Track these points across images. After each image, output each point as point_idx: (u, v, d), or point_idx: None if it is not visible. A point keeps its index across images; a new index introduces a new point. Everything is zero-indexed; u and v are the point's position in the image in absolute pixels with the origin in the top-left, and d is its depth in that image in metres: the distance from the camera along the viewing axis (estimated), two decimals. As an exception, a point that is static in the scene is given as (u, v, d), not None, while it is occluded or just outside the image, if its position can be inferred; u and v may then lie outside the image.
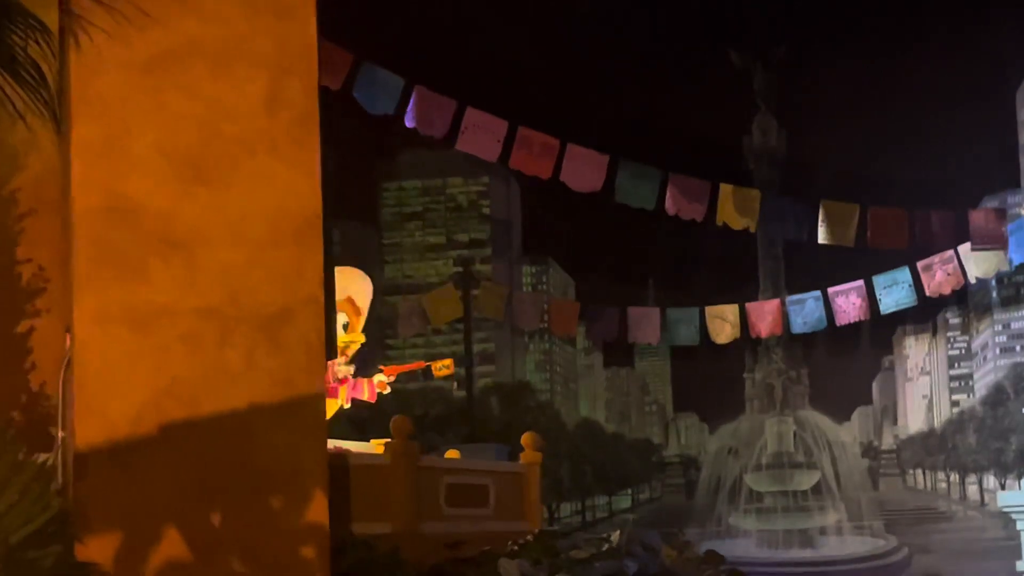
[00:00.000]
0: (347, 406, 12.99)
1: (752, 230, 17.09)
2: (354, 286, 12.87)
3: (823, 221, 17.33)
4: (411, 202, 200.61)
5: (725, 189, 16.67)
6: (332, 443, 12.16)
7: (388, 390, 13.20)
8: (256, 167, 8.18)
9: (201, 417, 7.87)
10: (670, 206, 16.33)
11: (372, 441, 12.31)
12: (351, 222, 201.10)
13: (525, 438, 14.28)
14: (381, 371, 13.31)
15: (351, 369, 12.92)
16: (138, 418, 7.76)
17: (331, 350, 8.72)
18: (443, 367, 13.38)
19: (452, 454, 14.28)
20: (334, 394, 12.69)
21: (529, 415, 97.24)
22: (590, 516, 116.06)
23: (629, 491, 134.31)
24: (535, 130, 15.98)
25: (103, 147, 7.89)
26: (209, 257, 8.04)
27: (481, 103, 15.88)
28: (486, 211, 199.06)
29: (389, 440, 11.55)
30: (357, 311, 12.92)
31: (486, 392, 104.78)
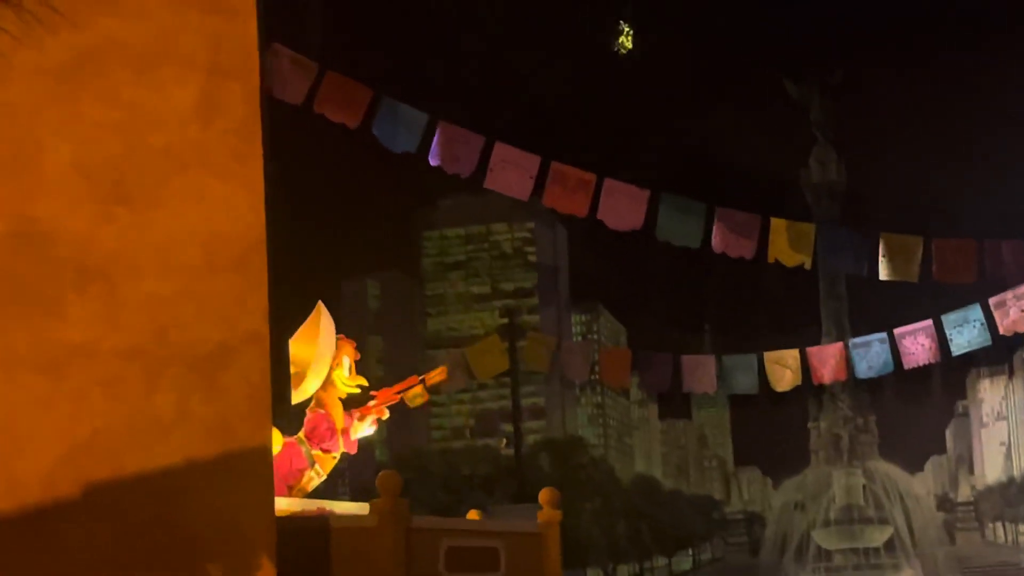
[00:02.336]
0: (353, 452, 12.23)
1: (807, 267, 16.49)
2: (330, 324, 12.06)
3: (884, 255, 16.65)
4: (453, 251, 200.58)
5: (777, 223, 16.08)
6: (316, 504, 11.38)
7: (387, 415, 12.38)
8: (187, 184, 7.47)
9: (126, 475, 7.13)
10: (717, 243, 15.76)
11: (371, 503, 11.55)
12: (391, 273, 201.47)
13: (543, 495, 13.49)
14: (374, 397, 12.49)
15: (372, 429, 12.22)
16: (52, 478, 7.00)
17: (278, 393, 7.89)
18: (435, 375, 12.56)
19: (473, 515, 13.46)
20: (333, 449, 11.93)
21: (582, 472, 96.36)
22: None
23: (690, 551, 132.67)
24: (570, 165, 15.72)
25: (10, 164, 7.21)
26: (133, 288, 7.31)
27: (510, 138, 15.40)
28: (532, 258, 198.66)
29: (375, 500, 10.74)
30: (356, 352, 12.13)
31: (536, 448, 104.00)
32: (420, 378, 12.64)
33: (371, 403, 12.45)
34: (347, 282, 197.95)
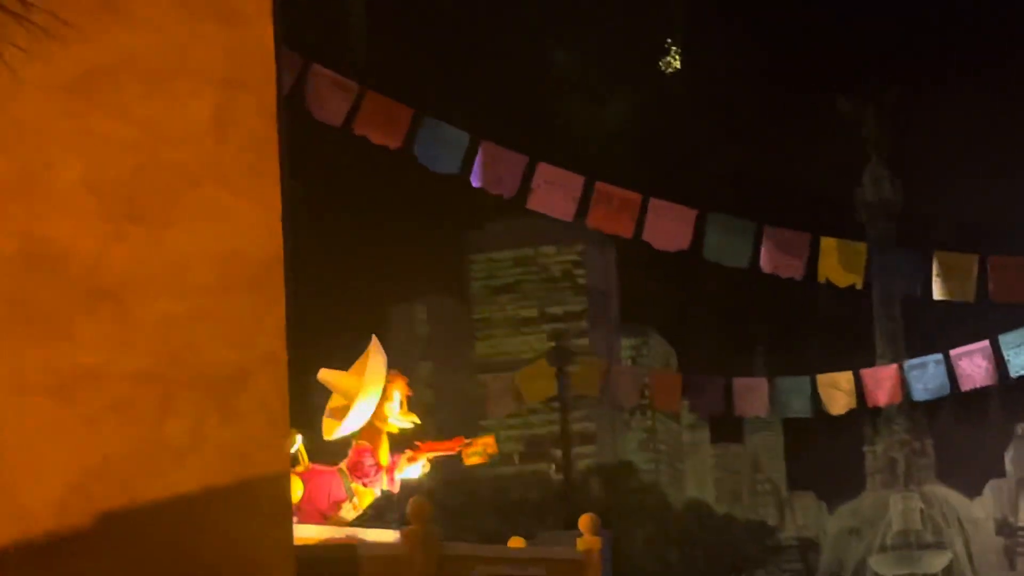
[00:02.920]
0: (396, 490, 12.03)
1: (858, 287, 16.44)
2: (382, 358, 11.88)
3: (938, 275, 16.51)
4: (501, 274, 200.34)
5: (827, 243, 16.07)
6: (346, 531, 11.20)
7: (427, 468, 12.18)
8: (202, 201, 7.28)
9: (138, 503, 6.93)
10: (766, 263, 15.85)
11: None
12: (438, 297, 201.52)
13: (583, 521, 13.26)
14: (417, 447, 12.27)
15: (418, 471, 12.10)
16: (61, 506, 6.81)
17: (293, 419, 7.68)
18: (477, 452, 12.30)
19: (516, 542, 13.20)
20: (373, 486, 11.71)
21: (633, 497, 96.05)
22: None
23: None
24: (614, 185, 15.50)
25: (18, 182, 7.04)
26: (145, 309, 7.12)
27: (553, 158, 15.48)
28: (581, 281, 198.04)
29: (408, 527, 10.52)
30: (408, 388, 11.92)
31: (586, 474, 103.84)
32: (466, 440, 12.42)
33: (410, 452, 12.25)
34: (395, 307, 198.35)
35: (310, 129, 14.00)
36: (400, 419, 11.73)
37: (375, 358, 11.58)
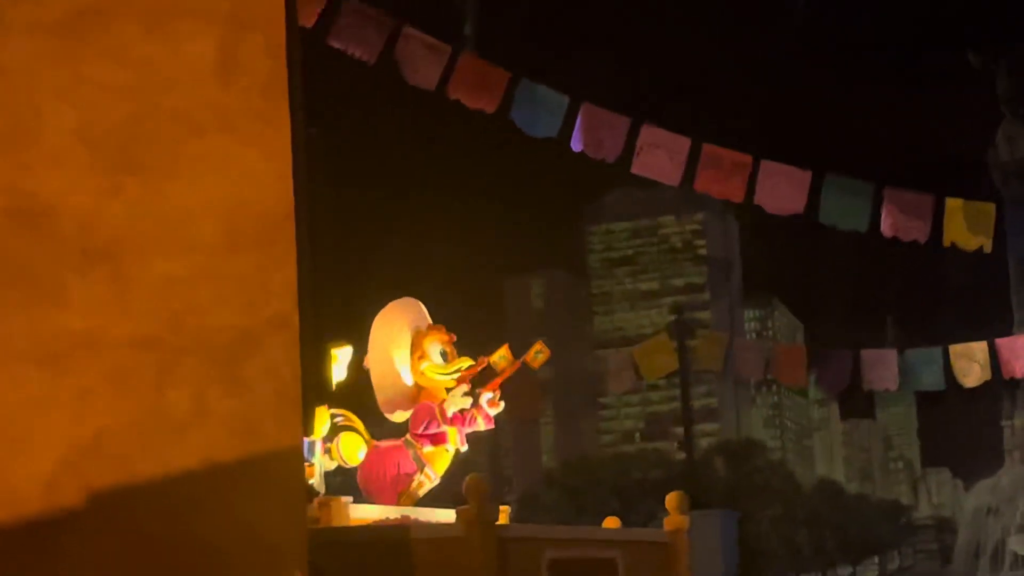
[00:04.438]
0: (464, 448, 11.65)
1: (987, 250, 16.17)
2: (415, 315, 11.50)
3: None
4: (620, 246, 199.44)
5: (952, 204, 15.83)
6: (401, 511, 10.82)
7: (501, 405, 11.71)
8: (204, 150, 6.87)
9: (135, 481, 6.55)
10: (887, 226, 15.75)
11: None
12: (555, 271, 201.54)
13: (670, 499, 12.78)
14: (479, 393, 11.90)
15: (468, 401, 11.56)
16: (52, 483, 6.45)
17: (319, 390, 7.24)
18: (538, 352, 11.87)
19: (610, 522, 12.72)
20: (442, 439, 11.40)
21: (759, 476, 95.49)
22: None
23: (876, 559, 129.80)
24: (723, 147, 15.32)
25: (5, 134, 6.68)
26: (143, 270, 6.72)
27: (658, 119, 15.38)
28: (702, 251, 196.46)
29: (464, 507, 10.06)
30: (450, 337, 11.56)
31: (709, 452, 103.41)
32: (521, 362, 11.92)
33: (485, 394, 11.83)
34: (509, 280, 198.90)
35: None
36: (449, 372, 11.33)
37: (381, 325, 11.21)
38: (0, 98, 6.68)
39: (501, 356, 11.79)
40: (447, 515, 10.87)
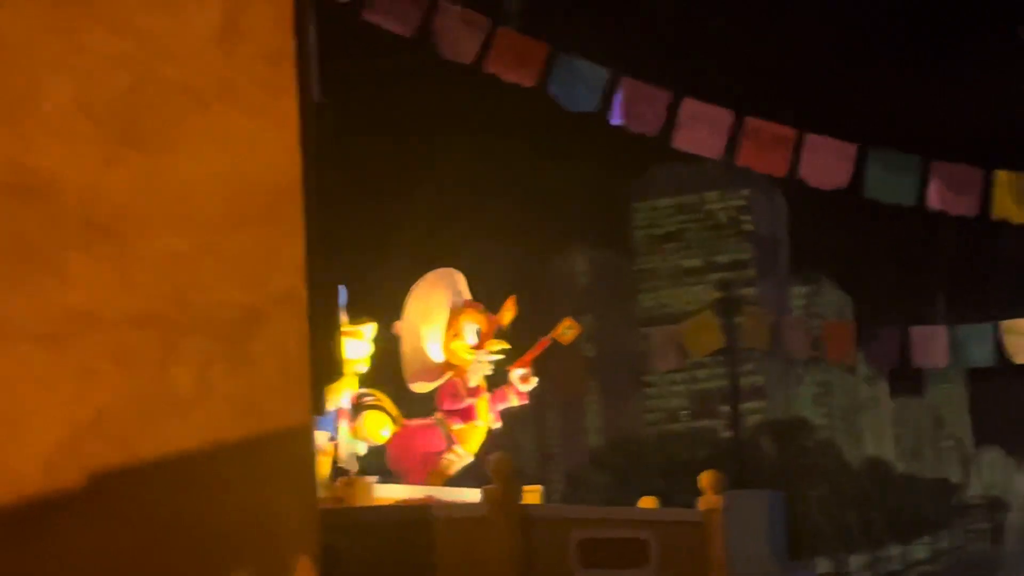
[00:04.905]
0: (497, 425, 11.55)
1: None
2: (454, 288, 11.38)
3: None
4: (665, 222, 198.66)
5: (1002, 176, 15.90)
6: (427, 491, 10.73)
7: (534, 381, 11.56)
8: (208, 122, 6.72)
9: (137, 461, 6.40)
10: (934, 200, 15.78)
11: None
12: (600, 248, 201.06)
13: (703, 478, 12.66)
14: (510, 370, 11.81)
15: (489, 368, 11.54)
16: (52, 464, 6.32)
17: (326, 369, 7.09)
18: (568, 328, 11.72)
19: (646, 502, 12.59)
20: (471, 415, 11.30)
21: (807, 456, 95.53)
22: (883, 569, 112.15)
23: (926, 539, 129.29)
24: (766, 120, 15.23)
25: (3, 107, 6.53)
26: (146, 245, 6.58)
27: (699, 92, 15.27)
28: (748, 227, 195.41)
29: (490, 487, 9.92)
30: (491, 319, 11.43)
31: (757, 431, 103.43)
32: (550, 339, 11.79)
33: (515, 372, 11.71)
34: (553, 258, 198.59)
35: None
36: (483, 355, 11.19)
37: (419, 295, 11.11)
38: (-2, 69, 6.54)
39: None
40: (476, 495, 10.76)
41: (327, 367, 6.99)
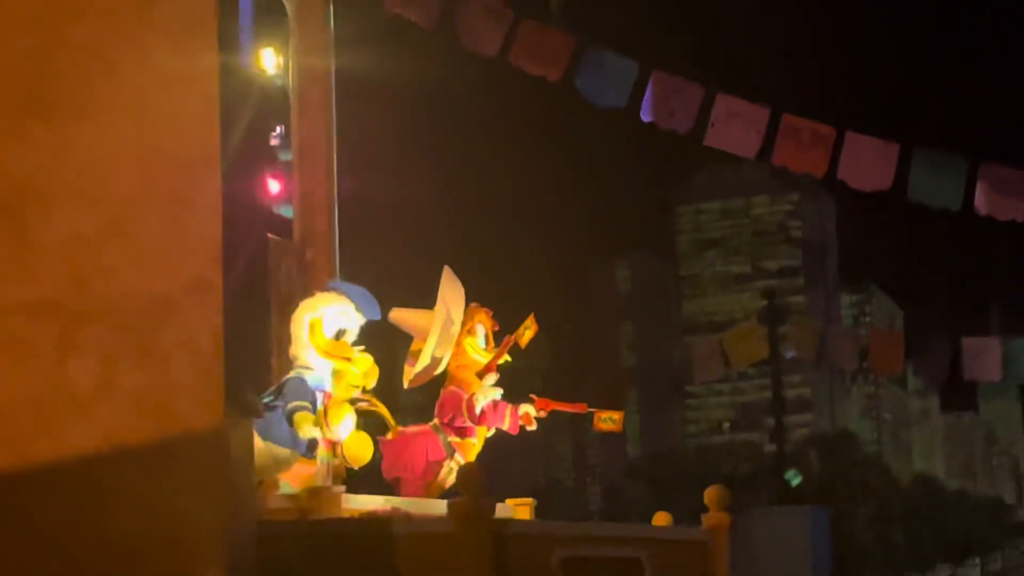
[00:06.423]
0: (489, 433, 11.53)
1: None
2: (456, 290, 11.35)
3: None
4: (710, 227, 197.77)
5: None
6: (395, 502, 10.31)
7: (535, 425, 11.66)
8: (118, 88, 6.27)
9: (31, 465, 5.98)
10: (981, 204, 15.05)
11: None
12: (642, 253, 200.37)
13: (709, 493, 12.27)
14: (532, 400, 11.70)
15: (498, 392, 11.42)
16: (-64, 467, 5.89)
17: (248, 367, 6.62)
18: (608, 420, 11.73)
19: (660, 518, 12.16)
20: (469, 433, 11.26)
21: (854, 471, 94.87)
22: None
23: (977, 560, 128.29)
24: (804, 118, 14.81)
25: None
26: (45, 225, 6.15)
27: (734, 88, 14.90)
28: (796, 234, 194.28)
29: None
30: (493, 321, 11.45)
31: (802, 445, 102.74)
32: (589, 409, 11.93)
33: (525, 407, 11.66)
34: (595, 264, 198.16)
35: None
36: (485, 355, 11.30)
37: (445, 289, 11.12)
38: None
39: (526, 328, 11.67)
40: (436, 506, 10.43)
41: (249, 364, 6.52)
